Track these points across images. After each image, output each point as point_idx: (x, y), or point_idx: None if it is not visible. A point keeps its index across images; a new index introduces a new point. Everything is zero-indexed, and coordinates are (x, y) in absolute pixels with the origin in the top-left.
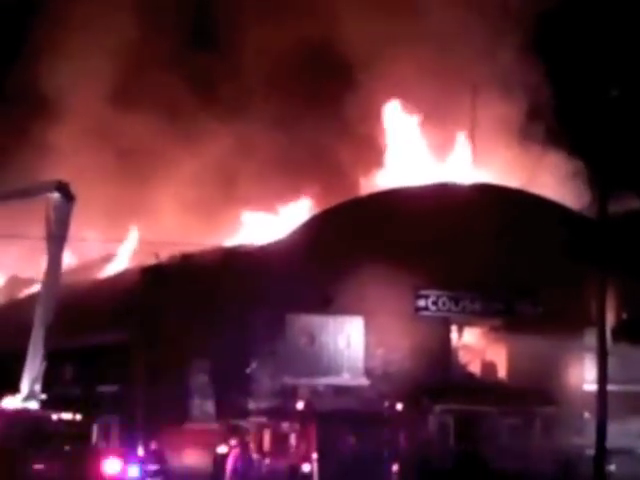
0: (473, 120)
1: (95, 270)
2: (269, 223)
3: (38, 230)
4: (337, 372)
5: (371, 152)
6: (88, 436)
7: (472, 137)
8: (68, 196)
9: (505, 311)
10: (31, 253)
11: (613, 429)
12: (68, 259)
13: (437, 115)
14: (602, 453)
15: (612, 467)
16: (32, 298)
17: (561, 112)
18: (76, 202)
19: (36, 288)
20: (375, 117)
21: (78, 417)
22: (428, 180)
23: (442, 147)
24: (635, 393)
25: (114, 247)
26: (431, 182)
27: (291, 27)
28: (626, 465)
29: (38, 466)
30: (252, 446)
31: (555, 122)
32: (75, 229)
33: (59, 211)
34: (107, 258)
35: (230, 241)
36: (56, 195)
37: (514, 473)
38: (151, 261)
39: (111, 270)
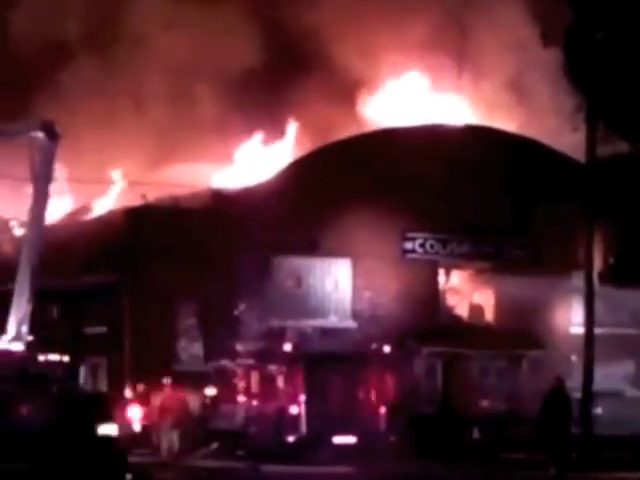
0: (462, 55)
1: (82, 211)
2: (257, 160)
3: (22, 170)
4: (324, 314)
5: (361, 90)
6: (75, 378)
7: (460, 71)
8: (53, 135)
9: (493, 254)
10: (15, 194)
11: (599, 372)
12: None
13: (429, 51)
14: (589, 396)
15: (598, 410)
16: (18, 239)
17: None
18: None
19: (21, 229)
20: (365, 54)
21: (65, 359)
22: (418, 120)
23: (433, 84)
24: (621, 336)
25: (101, 188)
26: (420, 123)
27: None
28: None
29: (24, 408)
30: (239, 388)
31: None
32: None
33: (44, 151)
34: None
35: (218, 182)
36: (40, 134)
37: (501, 415)
38: (138, 202)
39: (98, 211)
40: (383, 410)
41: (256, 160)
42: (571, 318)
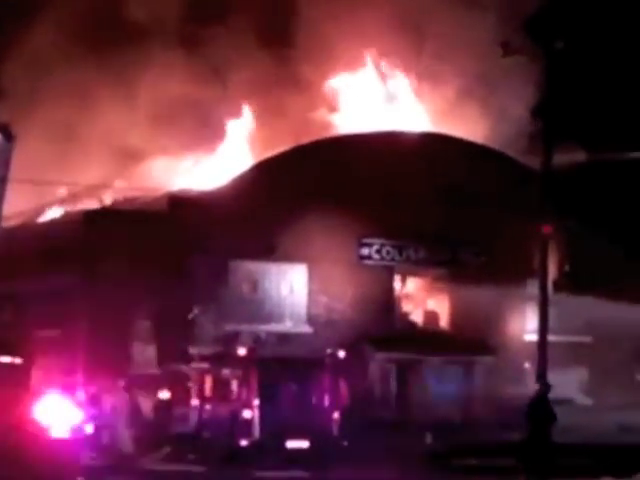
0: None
1: (36, 214)
2: (213, 165)
3: None
4: (280, 319)
5: (320, 95)
6: (28, 380)
7: (418, 80)
8: (8, 137)
9: (448, 261)
10: None
11: (552, 379)
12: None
13: (387, 58)
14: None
15: None
16: None
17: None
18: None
19: None
20: (325, 60)
21: (17, 361)
22: (375, 127)
23: (390, 92)
24: (575, 344)
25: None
26: (378, 130)
27: None
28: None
29: None
30: (193, 392)
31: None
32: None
33: (0, 152)
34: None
35: (173, 186)
36: None
37: (455, 421)
38: (93, 205)
39: (52, 214)
40: (336, 415)
41: (214, 163)
42: (525, 325)
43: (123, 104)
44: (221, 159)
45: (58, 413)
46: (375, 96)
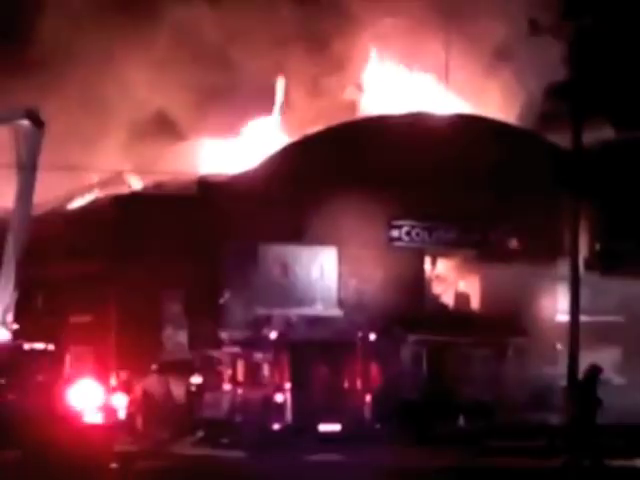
0: (447, 45)
1: (66, 200)
2: (239, 148)
3: (7, 158)
4: (310, 302)
5: (347, 75)
6: (61, 366)
7: (446, 63)
8: (38, 123)
9: (479, 242)
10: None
11: (585, 360)
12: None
13: (412, 42)
14: (574, 384)
15: None
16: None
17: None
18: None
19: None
20: (351, 41)
21: (50, 347)
22: (403, 106)
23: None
24: (607, 323)
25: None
26: (407, 111)
27: None
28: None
29: (10, 396)
30: (224, 376)
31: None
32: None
33: (29, 139)
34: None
35: (203, 169)
36: (25, 122)
37: (486, 402)
38: (123, 190)
39: (82, 200)
40: (369, 398)
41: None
42: (557, 305)
43: (153, 77)
44: (250, 140)
45: (91, 399)
46: (402, 73)
